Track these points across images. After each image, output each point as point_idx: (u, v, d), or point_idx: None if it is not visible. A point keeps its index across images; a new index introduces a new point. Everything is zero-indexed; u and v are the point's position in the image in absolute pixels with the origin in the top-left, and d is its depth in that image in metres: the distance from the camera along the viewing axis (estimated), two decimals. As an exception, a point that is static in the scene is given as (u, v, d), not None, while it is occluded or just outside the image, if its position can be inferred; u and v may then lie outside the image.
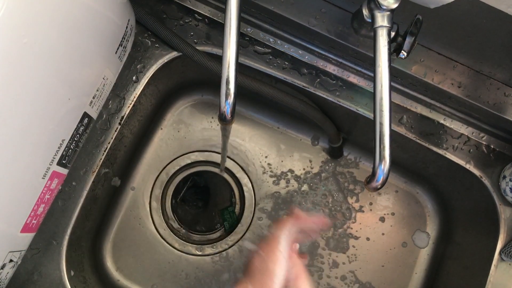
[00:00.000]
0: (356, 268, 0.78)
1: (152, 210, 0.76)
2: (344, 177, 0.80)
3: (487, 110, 0.60)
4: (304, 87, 0.63)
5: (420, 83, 0.60)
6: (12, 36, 0.34)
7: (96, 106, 0.54)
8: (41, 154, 0.45)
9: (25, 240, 0.50)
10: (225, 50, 0.42)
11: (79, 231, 0.62)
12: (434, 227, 0.80)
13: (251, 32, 0.62)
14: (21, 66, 0.37)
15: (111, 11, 0.49)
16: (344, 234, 0.78)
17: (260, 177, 0.79)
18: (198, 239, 0.78)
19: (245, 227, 0.77)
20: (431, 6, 0.43)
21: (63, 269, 0.58)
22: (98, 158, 0.59)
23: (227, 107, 0.43)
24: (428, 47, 0.58)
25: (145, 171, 0.76)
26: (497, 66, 0.57)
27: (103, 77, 0.53)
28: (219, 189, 0.83)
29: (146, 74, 0.61)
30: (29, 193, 0.46)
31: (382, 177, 0.43)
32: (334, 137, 0.73)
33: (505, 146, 0.66)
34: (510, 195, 0.63)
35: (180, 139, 0.78)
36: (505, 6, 0.46)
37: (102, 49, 0.50)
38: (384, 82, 0.43)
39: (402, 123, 0.65)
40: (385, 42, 0.43)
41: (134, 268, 0.74)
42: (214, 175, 0.81)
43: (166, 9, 0.62)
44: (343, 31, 0.57)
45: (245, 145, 0.79)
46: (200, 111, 0.78)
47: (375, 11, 0.43)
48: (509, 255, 0.62)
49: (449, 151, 0.65)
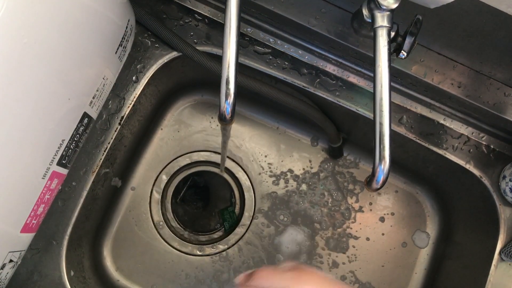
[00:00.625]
0: (356, 268, 0.78)
1: (152, 210, 0.76)
2: (343, 177, 0.80)
3: (487, 110, 0.60)
4: (304, 87, 0.63)
5: (420, 83, 0.60)
6: (12, 36, 0.34)
7: (96, 106, 0.54)
8: (41, 154, 0.45)
9: (25, 240, 0.50)
10: (225, 50, 0.42)
11: (79, 231, 0.62)
12: (434, 227, 0.80)
13: (251, 32, 0.62)
14: (21, 66, 0.36)
15: (111, 11, 0.49)
16: (344, 234, 0.78)
17: (260, 177, 0.79)
18: (198, 239, 0.78)
19: (245, 227, 0.77)
20: (431, 6, 0.43)
21: (63, 269, 0.58)
22: (98, 158, 0.59)
23: (227, 107, 0.43)
24: (428, 47, 0.58)
25: (145, 171, 0.76)
26: (497, 66, 0.57)
27: (103, 77, 0.53)
28: (219, 189, 0.83)
29: (146, 74, 0.61)
30: (29, 193, 0.46)
31: (382, 177, 0.43)
32: (334, 137, 0.73)
33: (505, 146, 0.66)
34: (510, 195, 0.63)
35: (180, 139, 0.78)
36: (505, 6, 0.46)
37: (102, 49, 0.50)
38: (384, 82, 0.43)
39: (402, 123, 0.65)
40: (385, 42, 0.43)
41: (134, 268, 0.74)
42: (214, 175, 0.81)
43: (166, 9, 0.62)
44: (343, 31, 0.57)
45: (245, 145, 0.79)
46: (200, 111, 0.78)
47: (375, 11, 0.43)
48: (509, 255, 0.62)
49: (449, 151, 0.65)
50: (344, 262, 0.78)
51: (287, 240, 0.78)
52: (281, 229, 0.78)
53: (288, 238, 0.78)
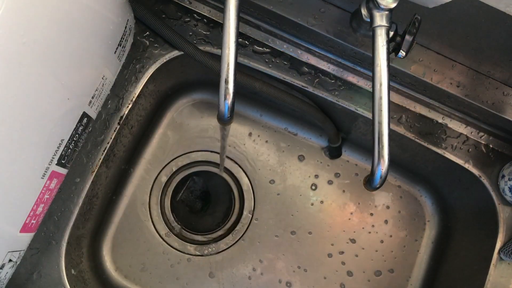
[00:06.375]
0: (356, 268, 0.78)
1: (152, 210, 0.76)
2: (342, 177, 0.80)
3: (486, 110, 0.60)
4: (303, 86, 0.64)
5: (419, 83, 0.60)
6: (11, 36, 0.34)
7: (95, 106, 0.54)
8: (40, 154, 0.45)
9: (25, 240, 0.50)
10: (224, 50, 0.42)
11: (78, 231, 0.62)
12: (433, 226, 0.80)
13: (250, 32, 0.62)
14: (20, 66, 0.37)
15: (110, 11, 0.49)
16: (343, 234, 0.78)
17: (259, 177, 0.79)
18: (197, 239, 0.78)
19: (244, 227, 0.77)
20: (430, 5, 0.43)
21: (62, 269, 0.58)
22: (97, 158, 0.59)
23: (226, 107, 0.43)
24: (427, 46, 0.58)
25: (144, 171, 0.77)
26: (496, 66, 0.57)
27: (102, 77, 0.53)
28: (219, 189, 0.83)
29: (145, 74, 0.61)
30: (28, 193, 0.46)
31: (381, 176, 0.43)
32: (334, 137, 0.73)
33: (504, 145, 0.66)
34: (509, 194, 0.63)
35: (179, 139, 0.78)
36: (503, 5, 0.46)
37: (101, 49, 0.50)
38: (383, 81, 0.43)
39: (401, 123, 0.65)
40: (383, 41, 0.43)
41: (134, 268, 0.74)
42: (213, 175, 0.81)
43: (165, 9, 0.62)
44: (342, 31, 0.57)
45: (244, 145, 0.79)
46: (199, 111, 0.79)
47: (373, 10, 0.44)
48: (508, 254, 0.62)
49: (448, 150, 0.66)
50: (343, 261, 0.78)
51: (287, 240, 0.78)
52: (281, 229, 0.78)
53: (288, 238, 0.78)
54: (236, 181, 0.79)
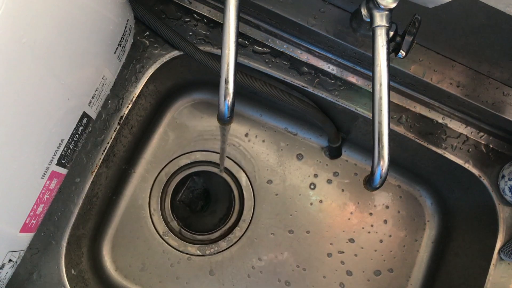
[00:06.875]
0: (355, 267, 0.78)
1: (152, 210, 0.76)
2: (342, 177, 0.80)
3: (486, 110, 0.60)
4: (303, 86, 0.64)
5: (419, 83, 0.60)
6: (11, 36, 0.34)
7: (95, 106, 0.54)
8: (40, 154, 0.45)
9: (25, 240, 0.50)
10: (224, 50, 0.42)
11: (78, 231, 0.62)
12: (433, 226, 0.80)
13: (250, 32, 0.62)
14: (20, 66, 0.37)
15: (110, 11, 0.49)
16: (343, 233, 0.79)
17: (259, 177, 0.79)
18: (197, 239, 0.78)
19: (244, 226, 0.77)
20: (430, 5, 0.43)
21: (62, 269, 0.58)
22: (97, 158, 0.59)
23: (226, 107, 0.43)
24: (427, 46, 0.58)
25: (144, 171, 0.77)
26: (496, 66, 0.57)
27: (102, 77, 0.53)
28: (219, 189, 0.83)
29: (145, 74, 0.61)
30: (28, 193, 0.46)
31: (381, 176, 0.43)
32: (334, 137, 0.73)
33: (504, 145, 0.66)
34: (509, 194, 0.63)
35: (179, 139, 0.78)
36: (503, 5, 0.46)
37: (101, 49, 0.50)
38: (383, 81, 0.43)
39: (401, 123, 0.65)
40: (383, 41, 0.43)
41: (134, 268, 0.74)
42: (213, 175, 0.81)
43: (165, 9, 0.62)
44: (342, 31, 0.57)
45: (244, 145, 0.79)
46: (199, 111, 0.79)
47: (373, 10, 0.44)
48: (508, 254, 0.62)
49: (448, 150, 0.66)
50: (343, 261, 0.78)
51: (286, 240, 0.78)
52: (281, 229, 0.78)
53: (288, 237, 0.78)
54: (236, 181, 0.79)
